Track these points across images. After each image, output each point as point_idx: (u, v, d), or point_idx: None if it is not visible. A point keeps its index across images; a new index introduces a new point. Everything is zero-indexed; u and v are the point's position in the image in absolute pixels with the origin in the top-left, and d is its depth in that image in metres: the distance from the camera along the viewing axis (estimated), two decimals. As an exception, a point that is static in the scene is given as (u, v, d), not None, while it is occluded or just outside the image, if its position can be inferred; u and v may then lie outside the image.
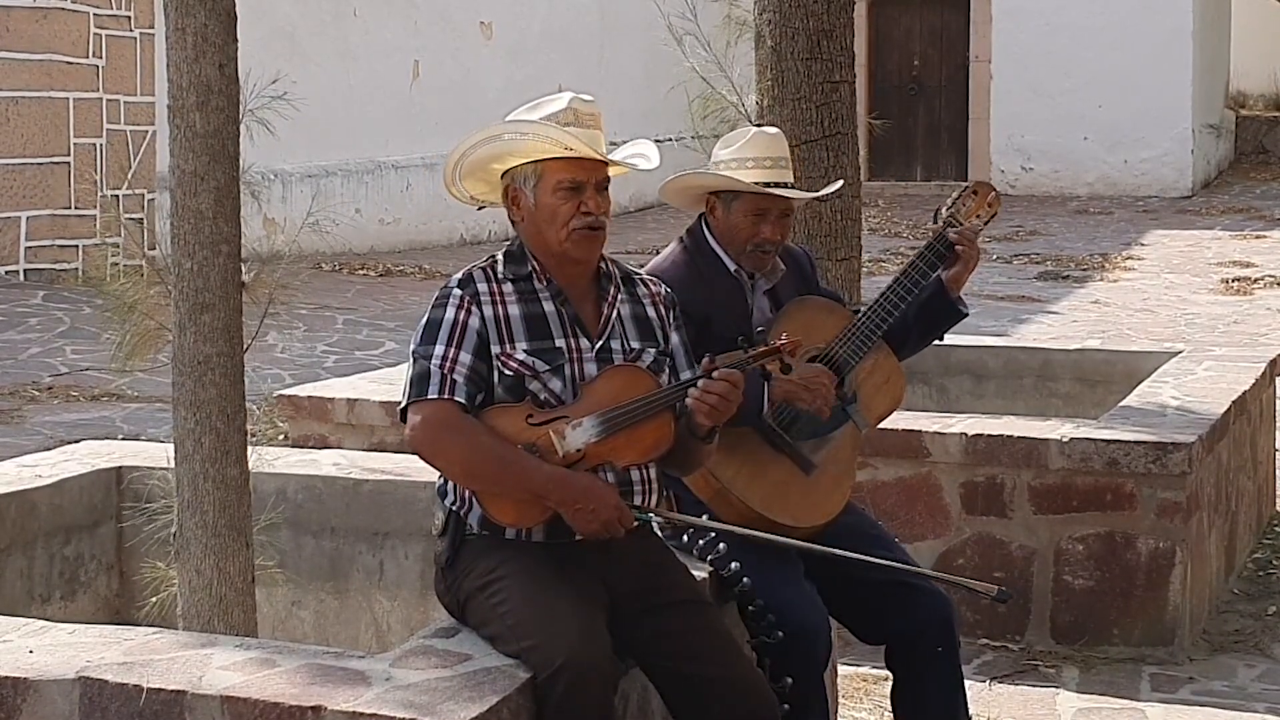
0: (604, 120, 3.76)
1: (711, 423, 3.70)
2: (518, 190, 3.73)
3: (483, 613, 3.57)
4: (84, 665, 3.39)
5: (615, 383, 3.67)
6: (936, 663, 4.32)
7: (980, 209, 4.55)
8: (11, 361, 10.46)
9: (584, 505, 3.57)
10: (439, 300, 3.68)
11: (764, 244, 4.34)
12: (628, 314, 3.79)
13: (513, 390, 3.64)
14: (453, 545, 3.69)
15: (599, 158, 3.67)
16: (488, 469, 3.58)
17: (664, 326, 3.84)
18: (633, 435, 3.65)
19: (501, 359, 3.63)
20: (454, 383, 3.58)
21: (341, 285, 14.11)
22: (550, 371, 3.65)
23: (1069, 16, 20.99)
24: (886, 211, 19.48)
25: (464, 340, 3.62)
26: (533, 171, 3.70)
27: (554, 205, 3.67)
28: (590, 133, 3.68)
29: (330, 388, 7.11)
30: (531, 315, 3.68)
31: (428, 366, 3.60)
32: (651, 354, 3.78)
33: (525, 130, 3.68)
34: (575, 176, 3.67)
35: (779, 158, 4.37)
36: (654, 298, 3.87)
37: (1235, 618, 6.36)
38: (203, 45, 4.01)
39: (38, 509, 4.96)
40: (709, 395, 3.65)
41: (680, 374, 3.83)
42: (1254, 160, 22.67)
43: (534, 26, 18.71)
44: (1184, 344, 9.19)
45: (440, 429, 3.57)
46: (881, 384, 4.48)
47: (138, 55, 13.70)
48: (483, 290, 3.68)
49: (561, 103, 3.71)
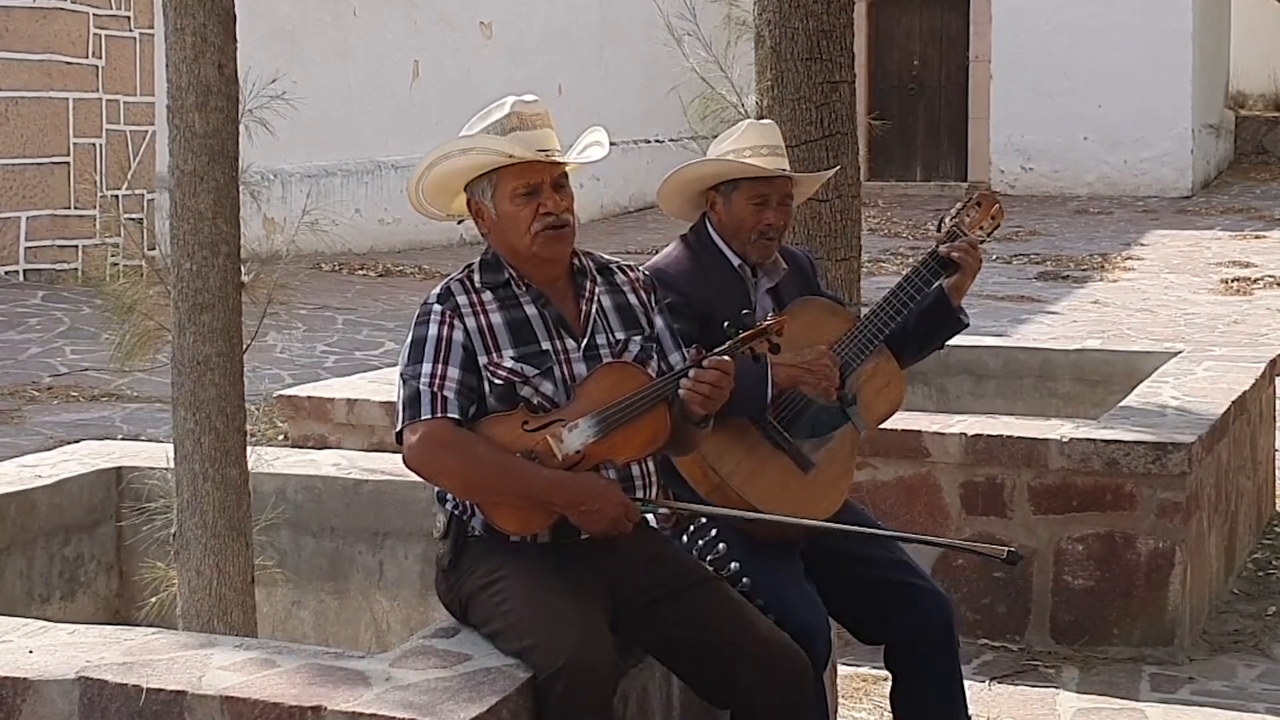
0: (552, 117, 3.74)
1: (706, 411, 3.70)
2: (479, 203, 3.75)
3: (485, 612, 3.57)
4: (84, 665, 3.39)
5: (607, 381, 3.67)
6: (936, 663, 4.32)
7: (984, 220, 4.56)
8: (11, 361, 10.46)
9: (589, 505, 3.57)
10: (420, 318, 3.68)
11: (768, 230, 4.37)
12: (609, 305, 3.80)
13: (504, 398, 3.63)
14: (455, 547, 3.69)
15: (542, 159, 3.67)
16: (489, 480, 3.58)
17: (647, 311, 3.85)
18: (629, 431, 3.65)
19: (490, 368, 3.63)
20: (445, 400, 3.58)
21: (341, 285, 14.11)
22: (540, 375, 3.65)
23: (1069, 16, 20.99)
24: (886, 212, 19.48)
25: (450, 355, 3.61)
26: (488, 182, 3.71)
27: (514, 212, 3.68)
28: (537, 133, 3.68)
29: (330, 388, 7.11)
30: (515, 321, 3.68)
31: (417, 387, 3.60)
32: (638, 342, 3.78)
33: (465, 145, 3.69)
34: (529, 180, 3.67)
35: (774, 146, 4.42)
36: (633, 284, 3.87)
37: (1235, 618, 6.35)
38: (202, 45, 4.01)
39: (38, 509, 4.96)
40: (701, 384, 3.66)
41: (668, 356, 3.83)
42: (1254, 160, 22.68)
43: (534, 26, 18.71)
44: (1184, 344, 9.19)
45: (437, 448, 3.56)
46: (882, 387, 4.49)
47: (137, 55, 13.70)
48: (463, 302, 3.67)
49: (505, 109, 3.72)
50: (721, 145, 4.46)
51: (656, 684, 3.75)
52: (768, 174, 4.37)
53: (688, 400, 3.67)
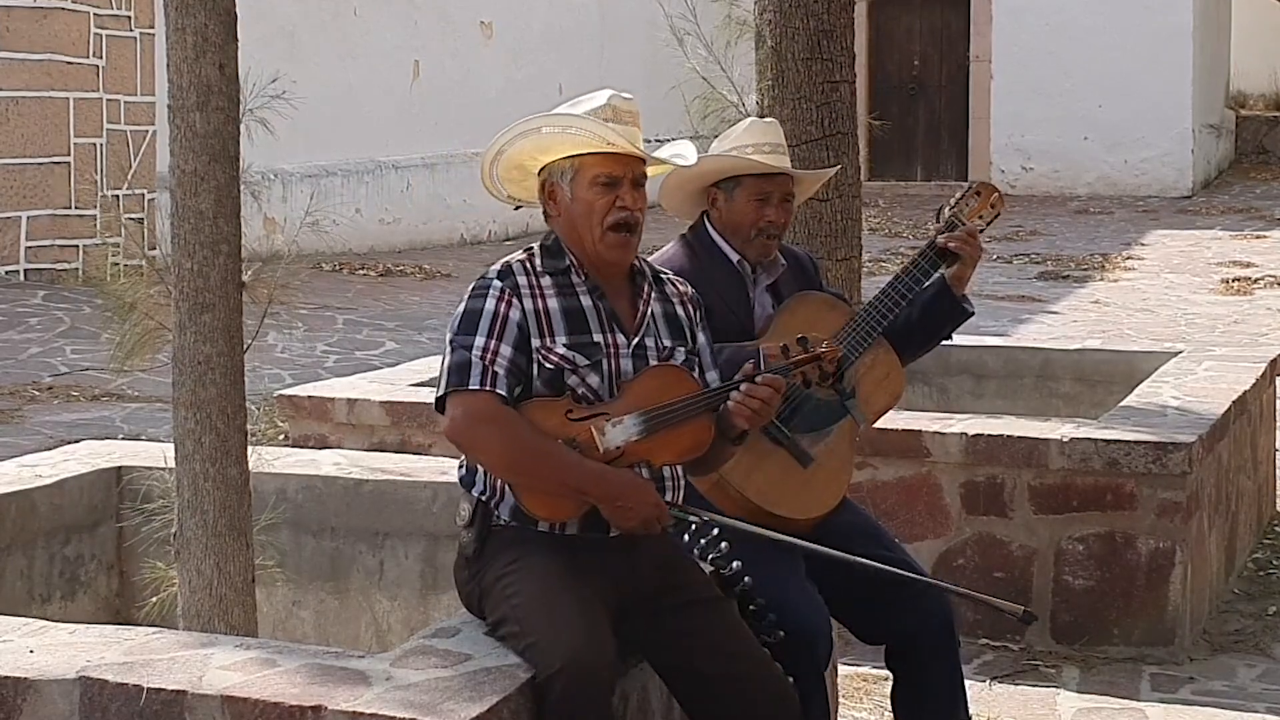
0: (642, 119, 3.78)
1: (749, 426, 3.73)
2: (555, 185, 3.74)
3: (496, 603, 3.58)
4: (84, 665, 3.39)
5: (656, 382, 3.68)
6: (936, 663, 4.32)
7: (983, 209, 4.56)
8: (11, 361, 10.45)
9: (624, 501, 3.57)
10: (477, 290, 3.67)
11: (769, 228, 4.39)
12: (660, 312, 3.81)
13: (551, 384, 3.63)
14: (479, 536, 3.68)
15: (637, 153, 3.69)
16: (529, 463, 3.57)
17: (692, 326, 3.87)
18: (672, 435, 3.66)
19: (542, 352, 3.63)
20: (495, 375, 3.57)
21: (341, 285, 14.11)
22: (589, 366, 3.65)
23: (1069, 16, 20.99)
24: (887, 212, 19.47)
25: (505, 332, 3.61)
26: (570, 166, 3.71)
27: (590, 200, 3.68)
28: (628, 129, 3.71)
29: (330, 388, 7.11)
30: (570, 309, 3.69)
31: (468, 356, 3.58)
32: (682, 353, 3.80)
33: (567, 124, 3.69)
34: (612, 171, 3.68)
35: (776, 143, 4.44)
36: (682, 297, 3.89)
37: (1235, 618, 6.35)
38: (203, 45, 4.01)
39: (38, 509, 4.96)
40: (752, 400, 3.68)
41: (706, 373, 3.85)
42: (1254, 160, 22.67)
43: (534, 26, 18.70)
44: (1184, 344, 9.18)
45: (481, 421, 3.55)
46: (881, 380, 4.49)
47: (138, 55, 13.70)
48: (522, 283, 3.67)
49: (601, 99, 3.74)
50: (724, 142, 4.48)
51: (657, 684, 3.75)
52: (770, 170, 4.37)
53: (734, 413, 3.69)
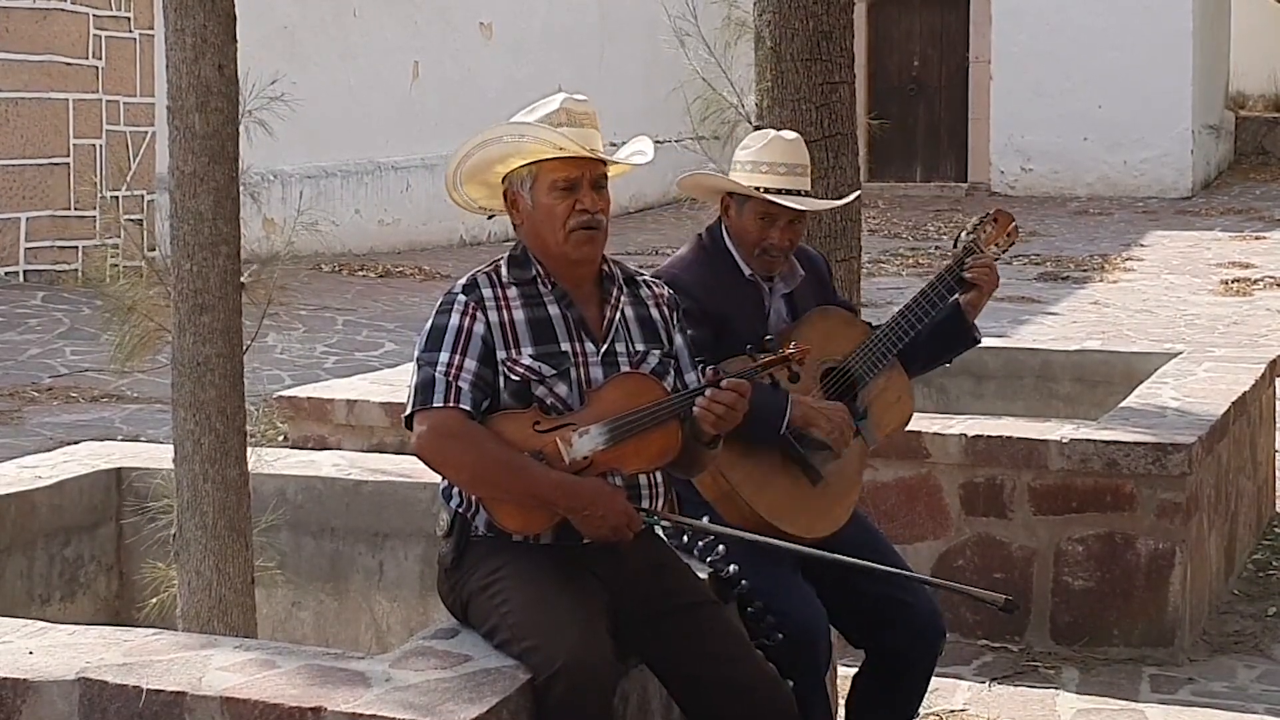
0: (599, 119, 3.76)
1: (716, 431, 3.70)
2: (516, 193, 3.74)
3: (484, 613, 3.57)
4: (84, 666, 3.39)
5: (622, 390, 3.66)
6: (912, 674, 4.33)
7: (999, 237, 4.57)
8: (11, 362, 10.46)
9: (592, 511, 3.57)
10: (443, 306, 3.68)
11: (770, 249, 4.32)
12: (631, 315, 3.79)
13: (519, 395, 3.63)
14: (458, 547, 3.69)
15: (589, 155, 3.68)
16: (495, 476, 3.57)
17: (667, 328, 3.84)
18: (640, 443, 3.65)
19: (508, 364, 3.63)
20: (459, 390, 3.58)
21: (341, 286, 14.11)
22: (556, 376, 3.64)
23: (1069, 16, 20.99)
24: (886, 212, 19.46)
25: (469, 347, 3.61)
26: (529, 173, 3.71)
27: (550, 205, 3.68)
28: (584, 131, 3.69)
29: (330, 389, 7.11)
30: (537, 319, 3.68)
31: (433, 374, 3.59)
32: (656, 356, 3.78)
33: (519, 132, 3.69)
34: (569, 175, 3.67)
35: (794, 164, 4.33)
36: (656, 299, 3.86)
37: (1235, 618, 6.36)
38: (202, 46, 4.02)
39: (38, 509, 4.97)
40: (716, 405, 3.65)
41: (684, 375, 3.83)
42: (1254, 161, 22.67)
43: (534, 26, 18.71)
44: (1184, 345, 9.19)
45: (447, 437, 3.56)
46: (893, 402, 4.48)
47: (137, 56, 13.70)
48: (487, 295, 3.67)
49: (554, 104, 3.73)
50: (745, 151, 4.39)
51: (656, 684, 3.75)
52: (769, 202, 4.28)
53: (700, 419, 3.67)
